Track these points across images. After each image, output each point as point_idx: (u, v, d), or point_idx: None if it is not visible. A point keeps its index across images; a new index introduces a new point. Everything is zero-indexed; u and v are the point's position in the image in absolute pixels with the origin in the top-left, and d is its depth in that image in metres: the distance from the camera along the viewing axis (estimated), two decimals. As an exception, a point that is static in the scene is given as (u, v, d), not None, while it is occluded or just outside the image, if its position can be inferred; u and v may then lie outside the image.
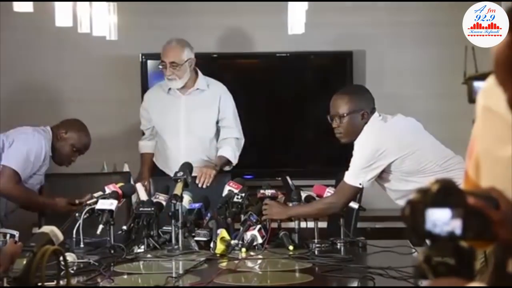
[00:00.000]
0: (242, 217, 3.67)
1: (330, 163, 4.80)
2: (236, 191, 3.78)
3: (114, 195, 3.64)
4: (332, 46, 5.40)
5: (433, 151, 3.59)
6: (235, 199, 3.73)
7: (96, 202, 3.60)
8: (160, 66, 4.44)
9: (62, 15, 3.88)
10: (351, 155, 3.60)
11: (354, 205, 3.71)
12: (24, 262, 2.26)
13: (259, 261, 3.39)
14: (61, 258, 2.23)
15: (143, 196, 3.81)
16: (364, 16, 5.40)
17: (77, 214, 3.58)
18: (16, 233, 3.19)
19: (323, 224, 3.73)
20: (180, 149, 4.45)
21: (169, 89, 4.50)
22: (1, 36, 5.37)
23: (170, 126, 4.52)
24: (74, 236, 3.54)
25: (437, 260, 1.42)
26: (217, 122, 4.52)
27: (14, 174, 4.04)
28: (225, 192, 3.80)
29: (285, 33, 4.23)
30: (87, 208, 3.59)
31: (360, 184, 3.54)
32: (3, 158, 4.06)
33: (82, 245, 3.52)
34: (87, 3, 4.11)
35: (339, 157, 4.49)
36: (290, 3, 4.11)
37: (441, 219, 1.42)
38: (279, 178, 4.03)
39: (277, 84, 5.42)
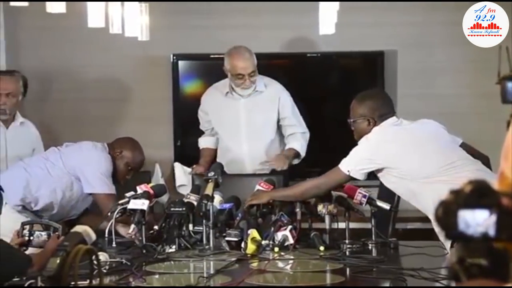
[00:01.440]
0: (273, 218, 3.68)
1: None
2: (267, 191, 3.78)
3: (145, 195, 3.66)
4: (363, 46, 5.39)
5: (436, 157, 3.53)
6: (265, 200, 3.73)
7: (128, 202, 3.63)
8: (236, 79, 4.45)
9: (94, 15, 3.90)
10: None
11: (385, 205, 3.70)
12: (58, 261, 2.28)
13: (290, 262, 3.38)
14: (93, 257, 2.25)
15: (179, 178, 3.77)
16: (395, 15, 5.38)
17: (109, 214, 3.61)
18: (59, 227, 3.22)
19: (354, 225, 3.71)
20: (243, 152, 4.51)
21: (227, 92, 4.52)
22: (33, 36, 5.44)
23: (231, 130, 4.56)
24: (106, 235, 3.57)
25: (470, 261, 1.41)
26: (278, 121, 4.55)
27: (109, 197, 3.99)
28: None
29: (316, 33, 4.23)
30: (119, 207, 3.62)
31: (349, 171, 3.53)
32: (87, 187, 4.02)
33: (114, 245, 3.55)
34: (119, 3, 4.13)
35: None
36: (321, 3, 4.10)
37: (474, 220, 1.41)
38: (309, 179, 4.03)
39: (308, 85, 5.41)
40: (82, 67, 5.46)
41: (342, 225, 3.68)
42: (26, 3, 3.92)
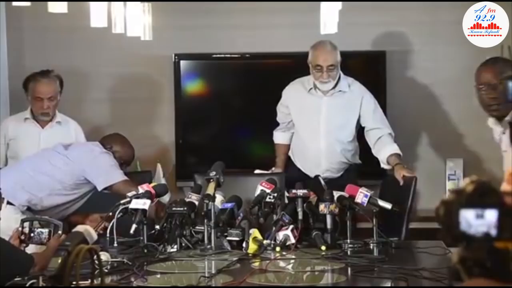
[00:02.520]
0: (275, 217, 3.67)
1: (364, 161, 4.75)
2: (268, 191, 3.78)
3: (147, 194, 3.66)
4: (365, 45, 5.38)
5: None
6: (267, 199, 3.73)
7: (129, 202, 3.62)
8: (315, 71, 4.43)
9: (97, 15, 3.91)
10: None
11: (386, 205, 3.69)
12: (59, 261, 2.28)
13: (292, 261, 3.38)
14: (95, 257, 2.25)
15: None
16: (397, 15, 5.37)
17: (110, 214, 3.61)
18: (60, 223, 3.22)
19: (364, 225, 3.72)
20: (321, 150, 4.48)
21: (311, 88, 4.50)
22: (35, 36, 5.44)
23: (309, 126, 4.52)
24: (108, 235, 3.56)
25: (472, 261, 1.40)
26: (359, 123, 4.50)
27: (126, 183, 4.00)
28: (257, 192, 3.81)
29: (318, 32, 4.22)
30: (121, 207, 3.62)
31: None
32: (101, 183, 4.03)
33: (115, 244, 3.54)
34: (122, 3, 4.13)
35: (371, 156, 4.51)
36: (323, 2, 4.09)
37: (476, 220, 1.40)
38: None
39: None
40: (84, 67, 5.45)
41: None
42: (28, 3, 3.92)
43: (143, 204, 3.58)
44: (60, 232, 3.14)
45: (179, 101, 5.39)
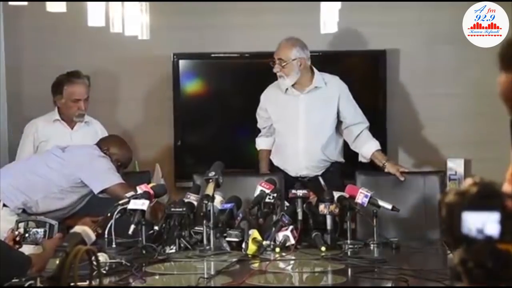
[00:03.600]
0: (274, 218, 3.67)
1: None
2: (268, 191, 3.78)
3: (145, 195, 3.65)
4: (365, 45, 5.37)
5: None
6: (267, 200, 3.73)
7: (128, 202, 3.62)
8: (271, 63, 4.47)
9: (95, 15, 3.90)
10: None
11: (387, 205, 3.69)
12: (57, 262, 2.27)
13: (291, 262, 3.38)
14: (93, 258, 2.24)
15: None
16: (398, 14, 5.35)
17: (109, 214, 3.60)
18: (55, 223, 3.21)
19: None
20: (299, 149, 4.47)
21: (287, 88, 4.51)
22: (33, 36, 5.43)
23: (288, 126, 4.53)
24: (106, 236, 3.56)
25: (473, 263, 1.39)
26: (338, 118, 4.51)
27: (122, 185, 3.97)
28: (257, 192, 3.80)
29: (318, 32, 4.21)
30: (119, 208, 3.61)
31: None
32: (97, 186, 4.00)
33: (114, 245, 3.54)
34: (120, 3, 4.13)
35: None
36: (322, 2, 4.09)
37: (478, 222, 1.39)
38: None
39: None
40: (82, 67, 5.41)
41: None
42: (25, 3, 3.92)
43: (141, 204, 3.58)
44: (56, 232, 3.13)
45: (178, 101, 5.38)
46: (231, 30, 5.38)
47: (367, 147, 4.45)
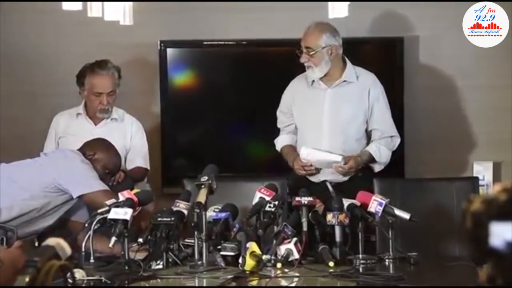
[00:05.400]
0: (275, 229, 3.67)
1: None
2: (268, 198, 3.78)
3: (128, 203, 3.65)
4: (380, 31, 5.38)
5: None
6: (267, 208, 3.73)
7: (108, 211, 3.61)
8: (297, 51, 4.46)
9: (69, -4, 3.91)
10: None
11: (404, 215, 3.70)
12: (27, 279, 2.27)
13: (295, 279, 3.38)
14: (68, 274, 2.24)
15: None
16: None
17: (86, 225, 3.60)
18: (14, 229, 3.20)
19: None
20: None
21: (313, 81, 4.50)
22: (3, 20, 5.42)
23: (312, 123, 4.52)
24: (83, 249, 3.56)
25: (503, 281, 1.40)
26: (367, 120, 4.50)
27: (106, 193, 3.95)
28: (255, 200, 3.81)
29: (325, 16, 4.22)
30: (99, 217, 3.61)
31: None
32: (76, 190, 3.98)
33: (92, 260, 3.54)
34: (98, -18, 4.13)
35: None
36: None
37: (507, 234, 1.40)
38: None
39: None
40: (55, 55, 5.45)
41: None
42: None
43: (124, 213, 3.57)
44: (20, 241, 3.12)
45: (166, 95, 5.39)
46: (227, 14, 5.39)
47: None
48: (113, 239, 3.51)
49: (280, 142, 4.67)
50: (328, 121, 4.48)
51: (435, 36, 5.41)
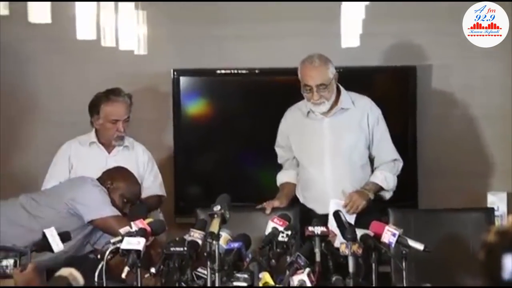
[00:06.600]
0: (288, 259, 3.66)
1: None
2: (281, 228, 3.77)
3: (141, 232, 3.65)
4: (392, 60, 5.39)
5: None
6: (279, 238, 3.73)
7: (121, 241, 3.62)
8: (305, 91, 4.42)
9: (84, 26, 3.90)
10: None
11: (418, 246, 3.68)
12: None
13: (308, 311, 3.37)
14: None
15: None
16: (429, 24, 5.36)
17: (99, 256, 3.61)
18: (27, 251, 3.20)
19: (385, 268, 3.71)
20: (326, 180, 4.43)
21: (308, 111, 4.48)
22: (15, 50, 5.45)
23: (313, 155, 4.48)
24: (96, 279, 3.56)
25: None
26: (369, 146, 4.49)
27: (118, 219, 4.02)
28: (268, 230, 3.80)
29: (338, 45, 4.23)
30: (112, 247, 3.61)
31: None
32: (89, 213, 4.05)
33: (105, 290, 3.54)
34: (112, 11, 4.13)
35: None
36: (343, 10, 4.10)
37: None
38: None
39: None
40: (69, 85, 5.47)
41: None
42: (6, 12, 3.93)
43: (137, 243, 3.57)
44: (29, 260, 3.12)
45: (179, 123, 5.41)
46: (239, 43, 5.41)
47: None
48: (126, 269, 3.51)
49: (279, 179, 4.68)
50: (330, 151, 4.45)
51: (448, 65, 5.41)
